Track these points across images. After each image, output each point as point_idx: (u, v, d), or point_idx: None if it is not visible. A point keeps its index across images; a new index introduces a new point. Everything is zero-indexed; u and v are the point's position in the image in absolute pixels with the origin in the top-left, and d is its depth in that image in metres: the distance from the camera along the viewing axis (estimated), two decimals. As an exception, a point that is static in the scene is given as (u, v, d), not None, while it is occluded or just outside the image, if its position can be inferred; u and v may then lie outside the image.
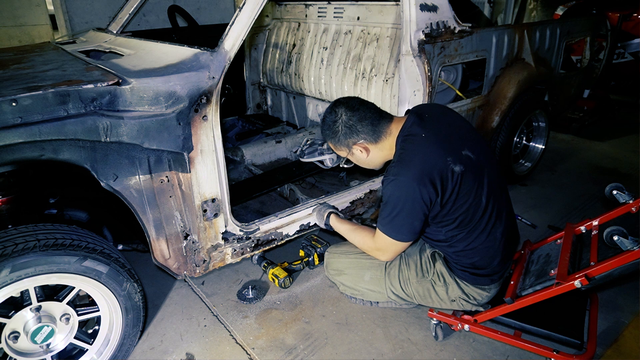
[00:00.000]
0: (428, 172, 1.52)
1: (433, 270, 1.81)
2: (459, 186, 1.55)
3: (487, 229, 1.66)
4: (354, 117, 1.65)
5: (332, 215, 2.01)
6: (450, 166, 1.54)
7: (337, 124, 1.67)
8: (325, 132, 1.74)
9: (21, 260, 1.39)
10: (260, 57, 3.44)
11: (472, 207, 1.61)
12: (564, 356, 1.67)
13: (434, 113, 1.73)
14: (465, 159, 1.58)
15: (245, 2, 1.69)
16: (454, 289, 1.78)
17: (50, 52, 2.14)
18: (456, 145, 1.60)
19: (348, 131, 1.66)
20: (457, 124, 1.73)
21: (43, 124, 1.34)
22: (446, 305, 1.85)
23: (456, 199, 1.58)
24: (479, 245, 1.68)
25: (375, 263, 1.93)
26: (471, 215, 1.62)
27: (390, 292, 1.92)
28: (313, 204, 2.11)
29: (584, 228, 2.00)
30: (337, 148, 1.76)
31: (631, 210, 1.80)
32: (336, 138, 1.70)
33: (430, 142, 1.58)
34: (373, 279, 1.94)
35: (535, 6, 6.00)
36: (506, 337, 1.79)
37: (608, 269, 1.52)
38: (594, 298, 1.94)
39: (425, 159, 1.54)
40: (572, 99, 3.76)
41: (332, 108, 1.71)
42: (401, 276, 1.87)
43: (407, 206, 1.56)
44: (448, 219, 1.64)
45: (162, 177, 1.62)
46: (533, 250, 2.11)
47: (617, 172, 3.53)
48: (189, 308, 2.15)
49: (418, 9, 2.13)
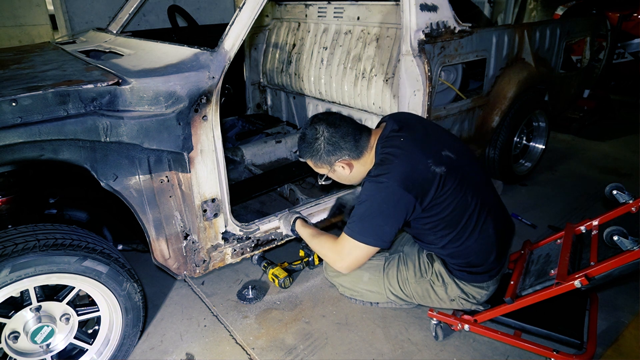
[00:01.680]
0: (410, 176, 1.51)
1: (431, 270, 1.81)
2: (442, 187, 1.54)
3: (478, 227, 1.65)
4: (337, 134, 1.61)
5: (297, 220, 1.94)
6: (431, 168, 1.52)
7: (319, 142, 1.62)
8: (304, 150, 1.68)
9: (21, 260, 1.39)
10: (260, 57, 3.44)
11: (459, 207, 1.60)
12: (564, 356, 1.67)
13: (410, 119, 1.73)
14: (446, 160, 1.57)
15: (245, 2, 1.69)
16: (452, 288, 1.78)
17: (50, 52, 2.14)
18: (435, 147, 1.60)
19: (331, 148, 1.61)
20: (434, 129, 1.74)
21: (43, 124, 1.34)
22: (446, 305, 1.85)
23: (441, 201, 1.56)
24: (472, 243, 1.67)
25: (373, 264, 1.92)
26: (459, 215, 1.61)
27: (389, 293, 1.92)
28: (310, 204, 2.10)
29: (584, 228, 2.00)
30: (318, 166, 1.70)
31: (631, 210, 1.80)
32: (317, 156, 1.64)
33: (409, 146, 1.56)
34: (372, 279, 1.93)
35: (535, 6, 6.00)
36: (506, 337, 1.79)
37: (608, 269, 1.52)
38: (594, 298, 1.94)
39: (406, 161, 1.52)
40: (572, 99, 3.76)
41: (311, 125, 1.65)
42: (399, 277, 1.87)
43: (383, 208, 1.52)
44: (434, 220, 1.62)
45: (162, 177, 1.62)
46: (533, 250, 2.11)
47: (617, 172, 3.53)
48: (189, 308, 2.15)
49: (418, 9, 2.12)
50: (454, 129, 2.61)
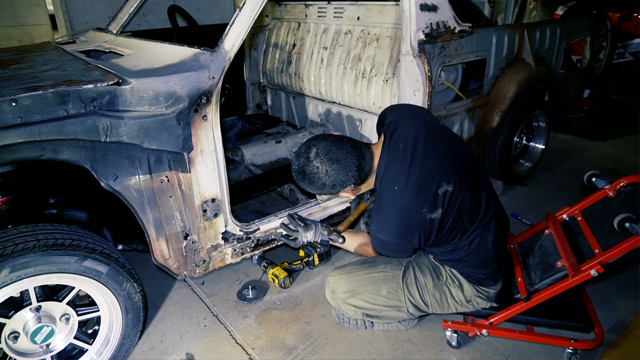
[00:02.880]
0: (407, 230, 1.52)
1: (444, 271, 1.78)
2: (438, 229, 1.54)
3: (475, 244, 1.64)
4: (339, 168, 1.51)
5: (331, 232, 1.93)
6: (427, 217, 1.50)
7: (322, 179, 1.53)
8: (305, 185, 1.60)
9: (21, 260, 1.39)
10: (260, 57, 3.44)
11: (460, 232, 1.61)
12: (582, 343, 1.72)
13: (409, 139, 1.57)
14: (442, 198, 1.51)
15: (245, 2, 1.68)
16: (467, 287, 1.76)
17: (50, 52, 2.14)
18: (433, 185, 1.51)
19: (335, 183, 1.54)
20: (433, 145, 1.58)
21: (43, 124, 1.34)
22: (463, 308, 1.81)
23: (439, 238, 1.58)
24: (472, 258, 1.67)
25: (389, 275, 1.83)
26: (459, 238, 1.62)
27: (409, 304, 1.81)
28: (308, 209, 2.09)
29: (566, 216, 2.01)
30: (319, 194, 1.68)
31: (608, 194, 1.84)
32: (321, 191, 1.60)
33: (404, 196, 1.51)
34: (390, 292, 1.81)
35: (535, 6, 5.99)
36: (524, 335, 1.81)
37: (620, 254, 1.56)
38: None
39: (402, 215, 1.51)
40: (572, 99, 3.75)
41: (308, 159, 1.53)
42: (418, 283, 1.80)
43: (390, 248, 1.61)
44: (436, 249, 1.68)
45: (162, 177, 1.62)
46: (520, 242, 2.13)
47: (617, 172, 3.53)
48: (189, 308, 2.15)
49: (418, 9, 2.12)
50: (454, 129, 2.61)
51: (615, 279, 2.23)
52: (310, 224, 1.93)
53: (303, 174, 1.56)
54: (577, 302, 1.86)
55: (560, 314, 1.80)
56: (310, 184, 1.58)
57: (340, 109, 2.91)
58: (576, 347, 1.73)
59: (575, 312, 1.81)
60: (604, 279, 2.18)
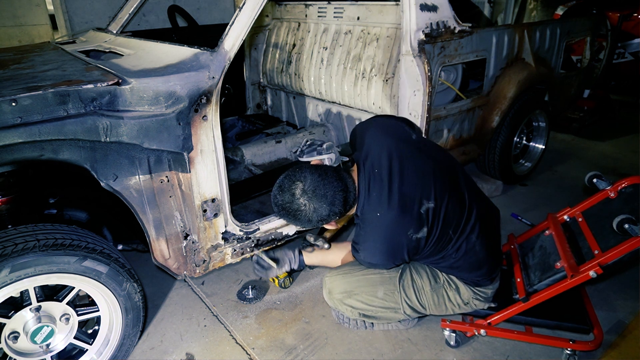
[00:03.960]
0: (395, 251, 1.53)
1: (441, 274, 1.79)
2: (425, 244, 1.55)
3: (462, 250, 1.64)
4: (328, 206, 1.48)
5: (303, 252, 1.99)
6: (413, 237, 1.51)
7: (307, 217, 1.49)
8: (291, 222, 1.57)
9: (21, 260, 1.39)
10: (260, 57, 3.44)
11: (444, 246, 1.62)
12: (581, 344, 1.71)
13: (382, 161, 1.55)
14: (425, 217, 1.51)
15: (245, 2, 1.68)
16: (464, 290, 1.76)
17: (50, 52, 2.14)
18: (414, 205, 1.50)
19: (322, 219, 1.52)
20: (408, 161, 1.56)
21: (43, 124, 1.34)
22: (461, 310, 1.81)
23: (426, 251, 1.60)
24: (462, 263, 1.67)
25: (385, 277, 1.82)
26: (444, 250, 1.63)
27: (406, 306, 1.81)
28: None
29: (567, 217, 2.01)
30: (303, 228, 1.71)
31: (610, 195, 1.83)
32: (306, 225, 1.58)
33: (388, 220, 1.50)
34: (387, 294, 1.81)
35: (535, 6, 6.00)
36: (522, 335, 1.81)
37: (619, 255, 1.56)
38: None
39: (389, 239, 1.51)
40: (572, 99, 3.75)
41: (293, 195, 1.48)
42: (415, 286, 1.80)
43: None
44: (424, 259, 1.71)
45: (162, 177, 1.62)
46: (521, 243, 2.12)
47: (617, 172, 3.53)
48: (189, 308, 2.15)
49: (418, 9, 2.12)
50: (453, 129, 2.62)
51: (615, 279, 2.23)
52: (282, 257, 1.98)
53: (287, 211, 1.51)
54: (576, 303, 1.86)
55: (559, 314, 1.80)
56: (295, 220, 1.53)
57: (340, 109, 2.91)
58: (575, 348, 1.72)
59: (574, 313, 1.81)
60: (605, 280, 2.18)
